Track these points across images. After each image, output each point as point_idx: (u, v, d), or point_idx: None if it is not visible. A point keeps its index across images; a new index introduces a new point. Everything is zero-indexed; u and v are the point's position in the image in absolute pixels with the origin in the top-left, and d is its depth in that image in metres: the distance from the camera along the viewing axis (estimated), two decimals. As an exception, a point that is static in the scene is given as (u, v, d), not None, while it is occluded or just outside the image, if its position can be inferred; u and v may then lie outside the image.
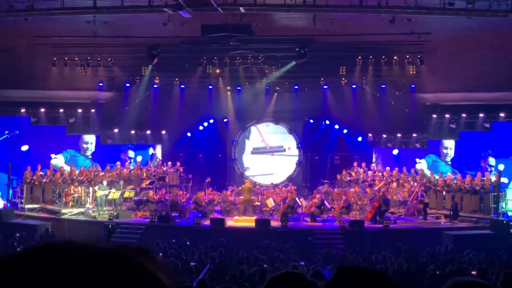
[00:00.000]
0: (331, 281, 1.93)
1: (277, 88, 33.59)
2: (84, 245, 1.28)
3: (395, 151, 32.42)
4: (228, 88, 33.83)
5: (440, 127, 32.47)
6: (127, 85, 33.78)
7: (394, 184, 29.62)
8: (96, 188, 28.31)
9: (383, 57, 31.34)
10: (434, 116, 32.40)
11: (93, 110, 33.69)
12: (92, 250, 1.27)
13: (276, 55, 31.98)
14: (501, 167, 29.30)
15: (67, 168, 31.57)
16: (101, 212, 27.65)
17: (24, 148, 32.78)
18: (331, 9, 24.90)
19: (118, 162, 32.44)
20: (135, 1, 24.44)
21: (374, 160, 33.37)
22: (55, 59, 32.18)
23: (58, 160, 33.34)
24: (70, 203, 29.04)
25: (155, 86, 33.90)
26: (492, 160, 30.65)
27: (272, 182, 32.84)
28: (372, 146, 33.53)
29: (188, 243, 22.33)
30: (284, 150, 34.64)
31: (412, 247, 21.66)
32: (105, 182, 28.65)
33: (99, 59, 32.28)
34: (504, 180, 28.48)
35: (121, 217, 27.12)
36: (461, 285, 2.26)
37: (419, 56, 30.86)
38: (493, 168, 30.21)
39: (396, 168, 31.27)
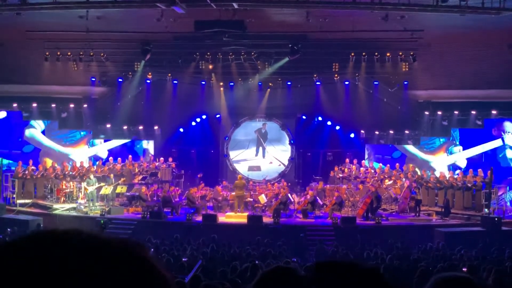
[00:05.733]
0: (311, 279, 1.95)
1: (270, 84, 33.59)
2: (82, 235, 1.29)
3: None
4: (221, 84, 33.82)
5: (432, 124, 32.54)
6: (120, 80, 33.72)
7: (387, 180, 29.69)
8: (85, 184, 28.28)
9: (376, 54, 31.34)
10: (427, 113, 32.46)
11: (85, 105, 33.65)
12: (89, 240, 1.27)
13: (269, 51, 31.95)
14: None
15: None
16: (93, 208, 27.63)
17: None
18: (324, 6, 24.91)
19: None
20: (128, -4, 24.41)
21: (366, 156, 33.45)
22: (47, 54, 32.04)
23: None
24: (62, 199, 29.02)
25: (148, 81, 33.85)
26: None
27: (264, 178, 32.87)
28: (365, 143, 33.59)
29: (177, 235, 22.35)
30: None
31: (403, 244, 21.70)
32: (92, 176, 28.60)
33: (91, 54, 32.17)
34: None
35: (113, 212, 27.11)
36: (442, 281, 2.27)
37: (412, 53, 30.86)
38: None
39: (388, 164, 31.40)
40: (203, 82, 33.79)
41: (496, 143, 30.81)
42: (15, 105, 32.77)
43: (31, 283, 1.18)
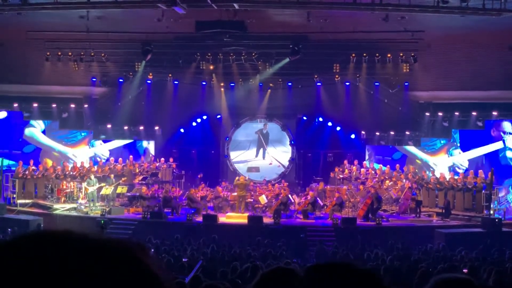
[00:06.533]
0: (308, 280, 1.95)
1: (271, 84, 33.55)
2: (81, 235, 1.29)
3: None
4: (222, 84, 33.78)
5: (433, 125, 32.51)
6: (121, 80, 33.70)
7: (387, 181, 29.67)
8: (85, 184, 28.28)
9: (377, 54, 31.33)
10: (427, 114, 32.42)
11: (86, 106, 33.62)
12: (88, 241, 1.28)
13: (270, 51, 31.94)
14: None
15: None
16: (94, 208, 27.63)
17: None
18: (325, 6, 24.90)
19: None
20: (129, -4, 24.42)
21: (367, 157, 33.43)
22: (48, 54, 32.06)
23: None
24: (63, 199, 29.02)
25: (149, 82, 33.82)
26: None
27: (265, 179, 32.84)
28: (365, 144, 33.56)
29: (178, 236, 22.35)
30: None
31: (404, 244, 21.70)
32: (92, 176, 28.60)
33: (92, 54, 32.18)
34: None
35: (113, 212, 27.12)
36: (442, 283, 2.27)
37: (412, 54, 30.85)
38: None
39: (388, 165, 31.40)
40: (204, 83, 33.77)
41: (497, 145, 30.78)
42: (15, 105, 32.76)
43: (31, 283, 1.18)
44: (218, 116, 34.39)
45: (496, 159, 30.42)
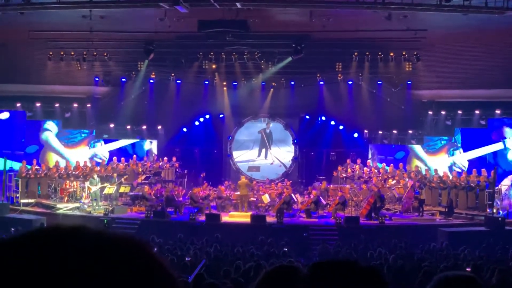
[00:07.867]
0: (312, 278, 1.95)
1: (273, 84, 33.57)
2: (92, 231, 1.28)
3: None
4: (224, 83, 33.81)
5: (436, 124, 32.48)
6: (123, 80, 33.73)
7: (390, 180, 29.65)
8: (88, 184, 28.29)
9: (380, 53, 31.32)
10: (430, 113, 32.38)
11: (89, 105, 33.65)
12: (100, 236, 1.27)
13: (273, 51, 31.93)
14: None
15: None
16: (97, 207, 27.65)
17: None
18: (328, 5, 24.90)
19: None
20: (132, -5, 24.43)
21: (370, 156, 33.41)
22: (51, 53, 32.10)
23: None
24: (66, 198, 29.05)
25: (151, 81, 33.85)
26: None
27: (267, 178, 32.85)
28: (368, 143, 33.54)
29: (181, 235, 22.35)
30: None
31: (407, 243, 21.68)
32: (95, 176, 28.59)
33: (95, 53, 32.21)
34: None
35: (116, 212, 27.16)
36: (445, 280, 2.27)
37: (415, 53, 30.84)
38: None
39: (392, 164, 31.36)
40: (207, 82, 33.81)
41: (497, 146, 30.75)
42: (18, 104, 32.78)
43: (31, 283, 1.17)
44: (221, 115, 34.41)
45: (497, 160, 30.40)
